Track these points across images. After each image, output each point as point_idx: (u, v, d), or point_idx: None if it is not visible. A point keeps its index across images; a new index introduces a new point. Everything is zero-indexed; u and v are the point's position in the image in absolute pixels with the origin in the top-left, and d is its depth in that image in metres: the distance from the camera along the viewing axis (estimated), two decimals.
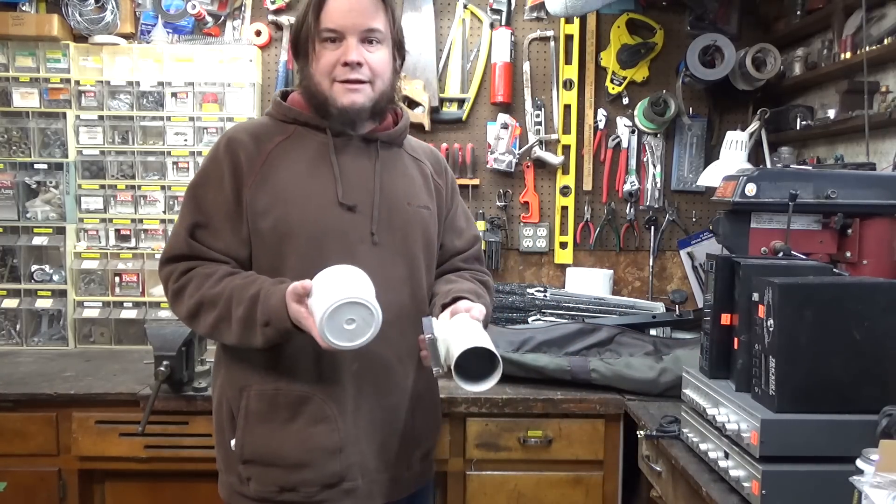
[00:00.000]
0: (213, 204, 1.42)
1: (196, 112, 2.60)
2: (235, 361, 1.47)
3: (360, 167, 1.48)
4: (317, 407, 1.42)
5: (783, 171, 1.81)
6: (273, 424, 1.43)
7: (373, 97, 1.44)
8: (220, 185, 1.42)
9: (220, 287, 1.37)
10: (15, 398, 2.01)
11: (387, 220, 1.47)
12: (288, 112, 1.49)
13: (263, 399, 1.43)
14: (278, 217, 1.41)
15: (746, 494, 1.31)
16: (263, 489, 1.43)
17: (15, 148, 2.59)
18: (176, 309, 1.45)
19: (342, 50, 1.40)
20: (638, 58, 2.75)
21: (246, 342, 1.37)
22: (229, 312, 1.36)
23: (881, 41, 2.06)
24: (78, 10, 2.57)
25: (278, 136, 1.47)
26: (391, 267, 1.46)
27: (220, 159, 1.44)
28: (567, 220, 2.84)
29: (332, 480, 1.43)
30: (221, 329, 1.38)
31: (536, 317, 2.47)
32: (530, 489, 2.07)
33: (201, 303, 1.39)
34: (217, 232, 1.42)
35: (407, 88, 2.70)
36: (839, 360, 1.29)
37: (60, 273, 2.60)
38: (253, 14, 2.74)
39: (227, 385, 1.49)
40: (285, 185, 1.43)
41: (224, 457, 1.50)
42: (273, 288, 1.33)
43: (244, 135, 1.46)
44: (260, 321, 1.32)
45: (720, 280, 1.49)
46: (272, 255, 1.42)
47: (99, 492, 2.11)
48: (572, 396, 2.05)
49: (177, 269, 1.43)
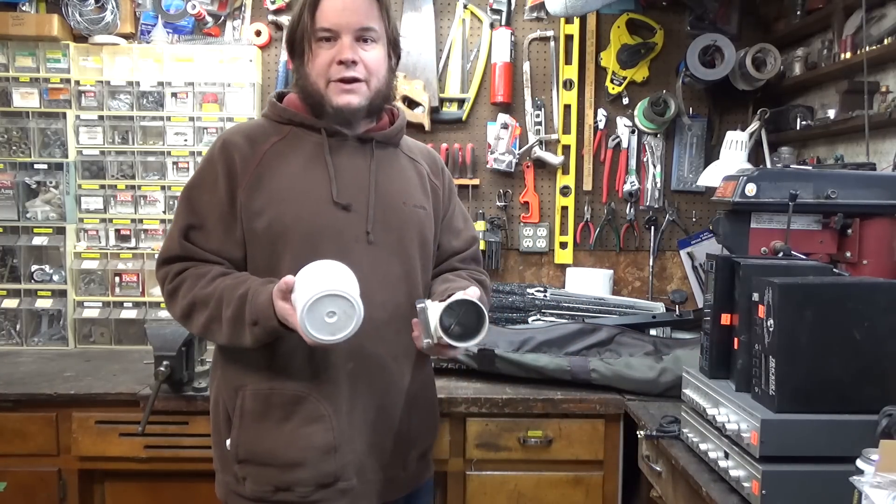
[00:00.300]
0: (208, 206, 1.44)
1: (196, 112, 2.60)
2: (231, 362, 1.48)
3: (356, 167, 1.48)
4: (311, 406, 1.43)
5: (783, 171, 1.81)
6: (268, 424, 1.43)
7: (368, 96, 1.45)
8: (214, 187, 1.44)
9: (212, 287, 1.39)
10: (15, 398, 2.01)
11: (382, 219, 1.47)
12: (283, 113, 1.50)
13: (258, 399, 1.44)
14: (273, 217, 1.42)
15: (746, 494, 1.31)
16: (259, 489, 1.44)
17: (15, 148, 2.59)
18: (171, 309, 1.47)
19: (337, 49, 1.41)
20: (638, 58, 2.75)
21: (236, 342, 1.38)
22: (220, 312, 1.37)
23: (881, 41, 2.06)
24: (78, 10, 2.57)
25: (273, 137, 1.48)
26: (386, 266, 1.47)
27: (215, 161, 1.45)
28: (567, 220, 2.84)
29: (326, 480, 1.43)
30: (213, 329, 1.40)
31: (536, 317, 2.46)
32: (530, 489, 2.07)
33: (194, 303, 1.40)
34: (211, 233, 1.44)
35: (407, 88, 2.70)
36: (839, 360, 1.29)
37: (60, 273, 2.60)
38: (253, 14, 2.74)
39: (223, 385, 1.49)
40: (280, 185, 1.43)
41: (220, 456, 1.51)
42: (261, 287, 1.34)
43: (239, 136, 1.47)
44: (248, 320, 1.33)
45: (720, 280, 1.49)
46: (267, 255, 1.43)
47: (99, 492, 2.11)
48: (572, 396, 2.05)
49: (171, 270, 1.44)
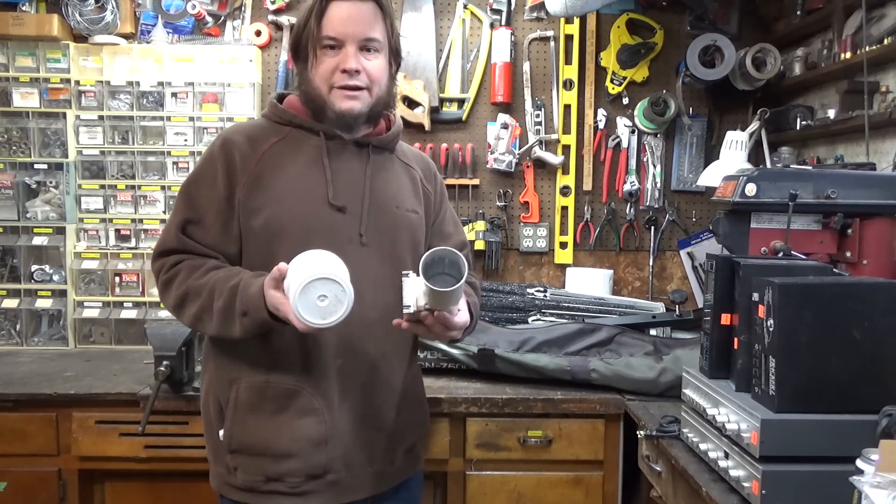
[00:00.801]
0: (206, 201, 1.47)
1: (196, 112, 2.60)
2: (225, 355, 1.51)
3: (352, 170, 1.52)
4: (305, 400, 1.46)
5: (783, 171, 1.81)
6: (261, 415, 1.46)
7: (370, 103, 1.49)
8: (213, 183, 1.47)
9: (206, 279, 1.42)
10: (15, 398, 2.01)
11: (375, 222, 1.51)
12: (283, 114, 1.53)
13: (253, 391, 1.47)
14: (270, 215, 1.45)
15: (746, 494, 1.31)
16: (250, 478, 1.47)
17: (15, 148, 2.59)
18: (164, 300, 1.50)
19: (341, 57, 1.44)
20: (638, 58, 2.75)
21: (226, 332, 1.41)
22: (211, 303, 1.40)
23: (881, 41, 2.06)
24: (78, 10, 2.57)
25: (273, 137, 1.51)
26: (378, 267, 1.50)
27: (215, 158, 1.48)
28: (567, 220, 2.83)
29: (316, 472, 1.46)
30: (203, 319, 1.43)
31: (536, 317, 2.46)
32: (530, 489, 2.08)
33: (187, 293, 1.44)
34: (208, 228, 1.47)
35: (407, 88, 2.70)
36: (839, 361, 1.29)
37: (60, 273, 2.60)
38: (253, 14, 2.74)
39: (215, 378, 1.52)
40: (278, 185, 1.46)
41: (213, 448, 1.54)
42: (252, 279, 1.38)
43: (239, 136, 1.50)
44: (238, 311, 1.36)
45: (720, 280, 1.49)
46: (263, 253, 1.46)
47: (99, 492, 2.12)
48: (572, 396, 2.05)
49: (167, 262, 1.48)
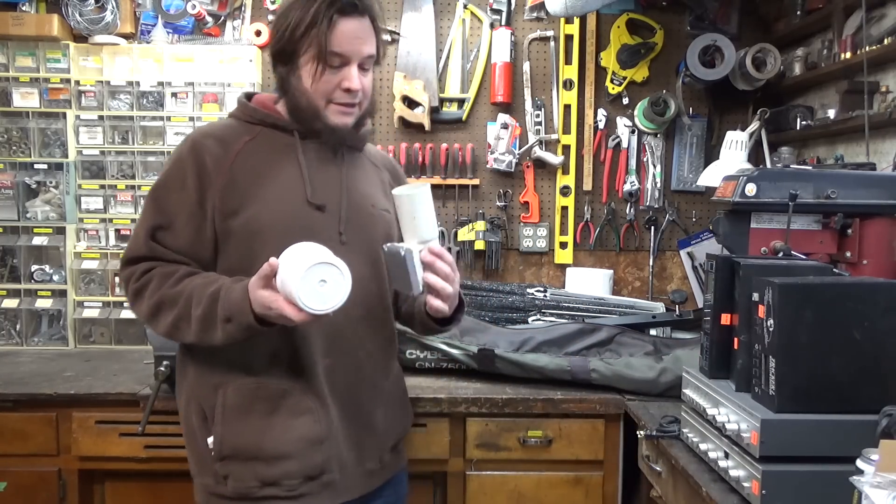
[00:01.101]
0: (176, 205, 1.43)
1: (196, 112, 2.60)
2: (206, 361, 1.47)
3: (326, 169, 1.51)
4: (297, 399, 1.44)
5: (783, 171, 1.81)
6: (253, 418, 1.43)
7: (359, 115, 1.51)
8: (182, 187, 1.43)
9: (181, 287, 1.39)
10: (15, 398, 2.01)
11: (353, 220, 1.50)
12: (254, 113, 1.51)
13: (243, 393, 1.44)
14: (250, 216, 1.42)
15: (746, 494, 1.31)
16: (242, 485, 1.43)
17: (15, 148, 2.59)
18: (136, 309, 1.46)
19: (344, 74, 1.43)
20: (638, 58, 2.75)
21: (206, 340, 1.38)
22: (188, 311, 1.37)
23: (881, 41, 2.06)
24: (78, 10, 2.57)
25: (245, 137, 1.48)
26: (358, 266, 1.47)
27: (184, 161, 1.44)
28: (567, 220, 2.83)
29: (313, 472, 1.44)
30: (181, 328, 1.40)
31: (536, 317, 2.46)
32: (530, 489, 2.07)
33: (161, 302, 1.40)
34: (178, 233, 1.43)
35: (407, 88, 2.70)
36: (839, 360, 1.29)
37: (60, 273, 2.60)
38: (253, 14, 2.74)
39: (196, 385, 1.49)
40: (256, 185, 1.44)
41: (197, 459, 1.50)
42: (234, 285, 1.35)
43: (209, 138, 1.47)
44: (221, 317, 1.33)
45: (720, 280, 1.49)
46: (242, 254, 1.43)
47: (99, 492, 2.11)
48: (572, 396, 2.05)
49: (137, 270, 1.44)
